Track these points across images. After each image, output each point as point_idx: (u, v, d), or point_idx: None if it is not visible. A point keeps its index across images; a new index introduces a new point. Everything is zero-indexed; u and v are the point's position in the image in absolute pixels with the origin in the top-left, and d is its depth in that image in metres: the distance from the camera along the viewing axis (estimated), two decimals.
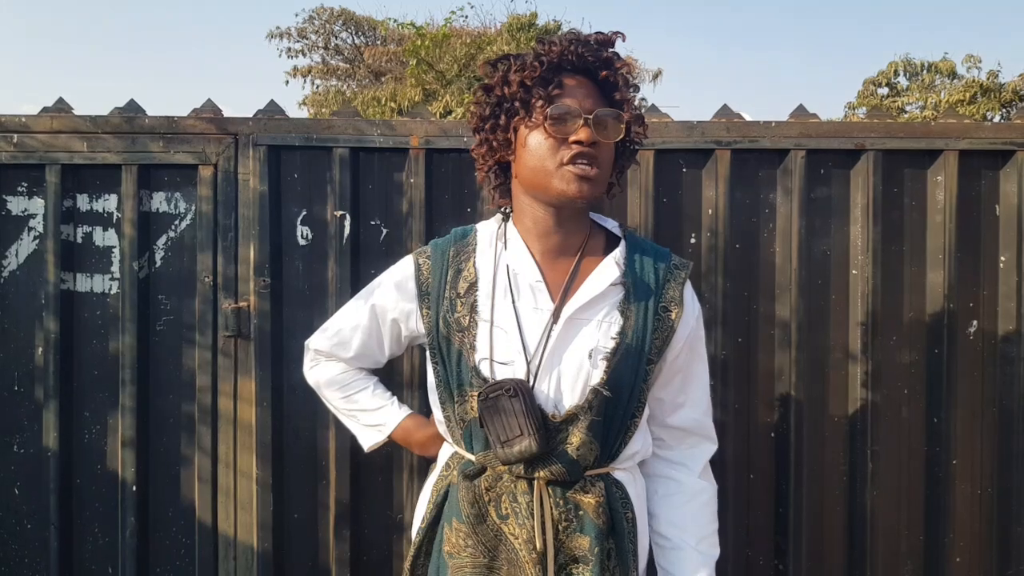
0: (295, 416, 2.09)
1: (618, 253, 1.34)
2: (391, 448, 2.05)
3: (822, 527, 2.10)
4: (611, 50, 1.29)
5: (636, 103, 1.31)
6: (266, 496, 2.06)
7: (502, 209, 1.41)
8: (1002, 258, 2.11)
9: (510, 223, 1.37)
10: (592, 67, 1.28)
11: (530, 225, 1.33)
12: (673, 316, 1.33)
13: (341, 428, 2.05)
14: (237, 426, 2.07)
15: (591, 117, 1.23)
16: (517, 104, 1.27)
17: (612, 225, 1.42)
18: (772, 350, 2.10)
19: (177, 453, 2.10)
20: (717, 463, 2.04)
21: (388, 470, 2.08)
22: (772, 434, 2.11)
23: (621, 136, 1.28)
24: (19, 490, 2.10)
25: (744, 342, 2.09)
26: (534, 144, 1.26)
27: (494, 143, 1.33)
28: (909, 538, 2.12)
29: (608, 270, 1.32)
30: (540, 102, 1.24)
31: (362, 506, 2.08)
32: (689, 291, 1.39)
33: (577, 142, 1.23)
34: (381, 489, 2.08)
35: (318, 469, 2.09)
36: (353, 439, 2.05)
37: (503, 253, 1.34)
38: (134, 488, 2.06)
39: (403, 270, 1.44)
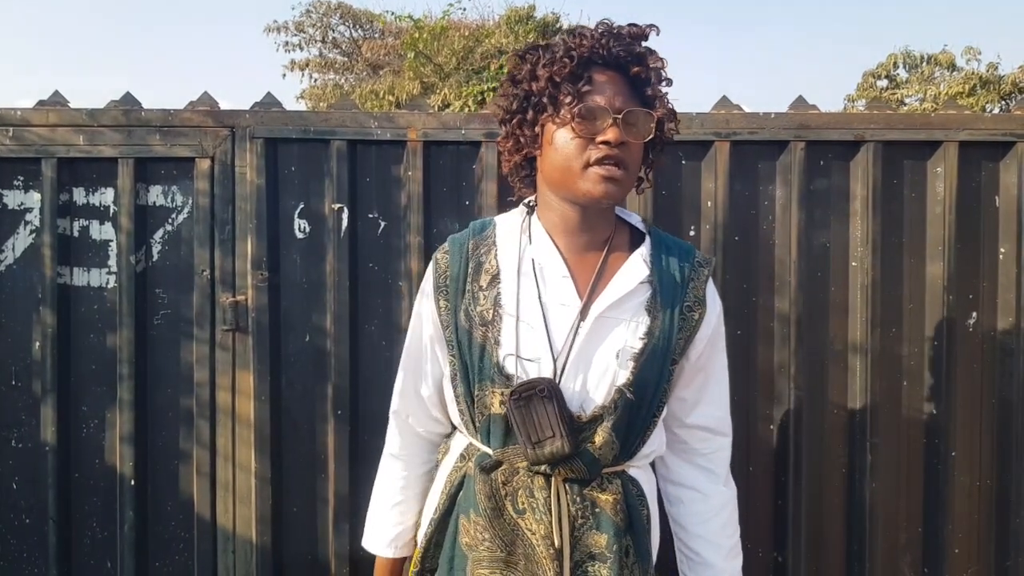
0: (294, 410, 2.09)
1: (644, 250, 1.32)
2: None
3: (821, 519, 2.10)
4: (644, 44, 1.26)
5: (668, 98, 1.27)
6: (265, 490, 2.05)
7: (526, 201, 1.39)
8: (1002, 250, 2.10)
9: (534, 217, 1.34)
10: (624, 62, 1.23)
11: (556, 220, 1.31)
12: (696, 316, 1.31)
13: (339, 422, 2.05)
14: (236, 420, 2.07)
15: (620, 117, 1.20)
16: (545, 100, 1.24)
17: (636, 220, 1.40)
18: (771, 342, 2.09)
19: (175, 447, 2.10)
20: None
21: None
22: (771, 426, 2.11)
23: (651, 136, 1.25)
24: (17, 484, 2.09)
25: (743, 334, 2.09)
26: (561, 142, 1.23)
27: (521, 138, 1.30)
28: (908, 530, 2.12)
29: (636, 268, 1.29)
30: (568, 99, 1.21)
31: (361, 500, 2.08)
32: (711, 289, 1.37)
33: (605, 142, 1.20)
34: None
35: (317, 463, 2.09)
36: (351, 434, 2.06)
37: (528, 247, 1.31)
38: (132, 482, 2.06)
39: (426, 273, 1.41)
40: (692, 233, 2.09)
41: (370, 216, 2.10)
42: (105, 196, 2.10)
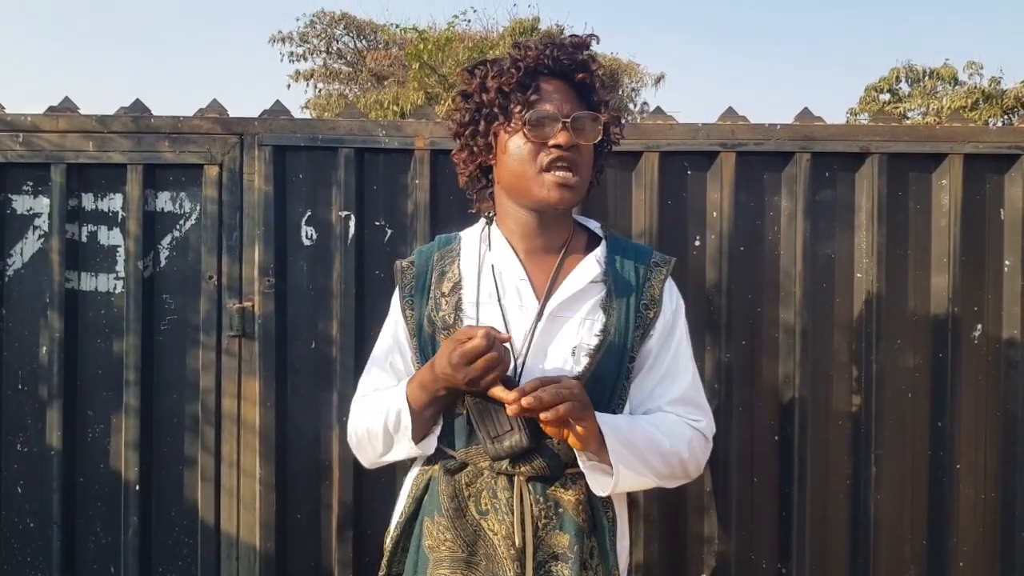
0: (299, 416, 2.09)
1: (599, 252, 1.37)
2: None
3: (826, 531, 2.10)
4: (586, 53, 1.33)
5: (613, 104, 1.34)
6: (269, 496, 2.05)
7: (485, 214, 1.44)
8: (1007, 262, 2.11)
9: (494, 226, 1.40)
10: (568, 70, 1.31)
11: (514, 227, 1.37)
12: (652, 314, 1.35)
13: (344, 428, 2.05)
14: (241, 426, 2.07)
15: (569, 121, 1.26)
16: (496, 110, 1.30)
17: (595, 226, 1.45)
18: (776, 353, 2.09)
19: (180, 453, 2.10)
20: (721, 465, 2.06)
21: (391, 471, 2.08)
22: (776, 437, 2.10)
23: (599, 137, 1.31)
24: (22, 488, 2.09)
25: (748, 345, 2.09)
26: (514, 149, 1.29)
27: (475, 148, 1.36)
28: (912, 542, 2.12)
29: (589, 268, 1.34)
30: (518, 107, 1.28)
31: (364, 507, 2.08)
32: (668, 287, 1.40)
33: (556, 146, 1.26)
34: (384, 490, 2.08)
35: (321, 469, 2.09)
36: None
37: (487, 254, 1.37)
38: (137, 487, 2.06)
39: (396, 281, 1.47)
40: (697, 243, 2.09)
41: (377, 224, 2.11)
42: (114, 202, 2.11)
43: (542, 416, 1.14)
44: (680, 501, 2.08)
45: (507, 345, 1.22)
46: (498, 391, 1.18)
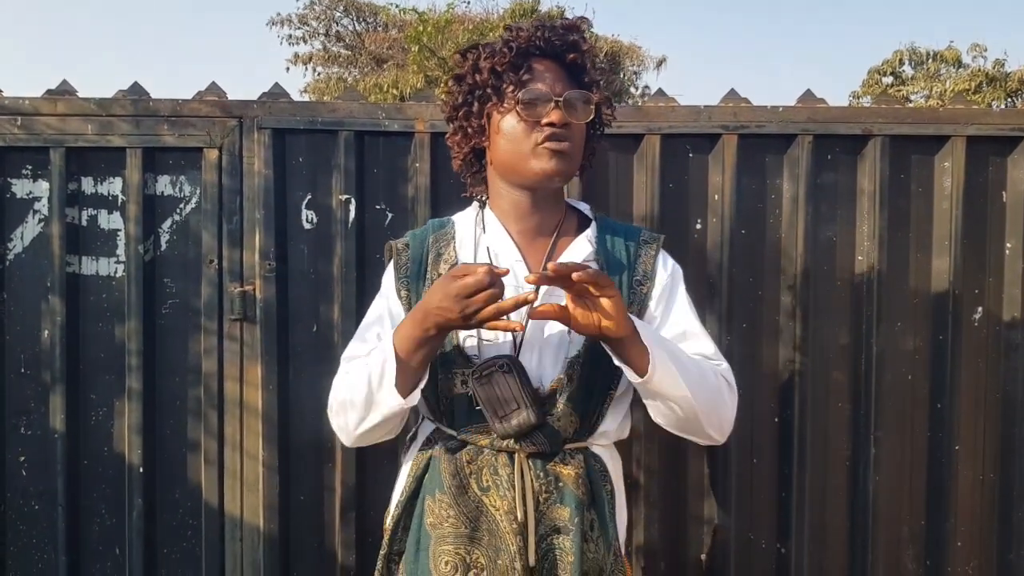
0: (301, 398, 2.10)
1: (590, 232, 1.40)
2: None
3: (824, 511, 2.11)
4: (578, 34, 1.34)
5: (608, 85, 1.34)
6: (272, 478, 2.07)
7: (478, 197, 1.46)
8: (1008, 245, 2.11)
9: (487, 208, 1.42)
10: (559, 51, 1.32)
11: (507, 208, 1.38)
12: (645, 289, 1.38)
13: None
14: (243, 409, 2.08)
15: (561, 99, 1.28)
16: (489, 91, 1.32)
17: (585, 208, 1.48)
18: (777, 336, 2.10)
19: (184, 435, 2.11)
20: (721, 446, 2.06)
21: (393, 453, 2.08)
22: (776, 419, 2.11)
23: (591, 117, 1.33)
24: (26, 471, 2.11)
25: (749, 328, 2.10)
26: (507, 128, 1.31)
27: (468, 130, 1.38)
28: (911, 523, 2.13)
29: (581, 247, 1.37)
30: (511, 87, 1.30)
31: (367, 488, 2.09)
32: (661, 260, 1.42)
33: (549, 124, 1.27)
34: (386, 472, 2.09)
35: (324, 451, 2.10)
36: None
37: (482, 236, 1.39)
38: (141, 470, 2.07)
39: (388, 266, 1.48)
40: (699, 226, 2.09)
41: (377, 207, 2.10)
42: (114, 185, 2.11)
43: (575, 277, 1.10)
44: (680, 482, 2.09)
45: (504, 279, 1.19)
46: (499, 324, 1.18)
